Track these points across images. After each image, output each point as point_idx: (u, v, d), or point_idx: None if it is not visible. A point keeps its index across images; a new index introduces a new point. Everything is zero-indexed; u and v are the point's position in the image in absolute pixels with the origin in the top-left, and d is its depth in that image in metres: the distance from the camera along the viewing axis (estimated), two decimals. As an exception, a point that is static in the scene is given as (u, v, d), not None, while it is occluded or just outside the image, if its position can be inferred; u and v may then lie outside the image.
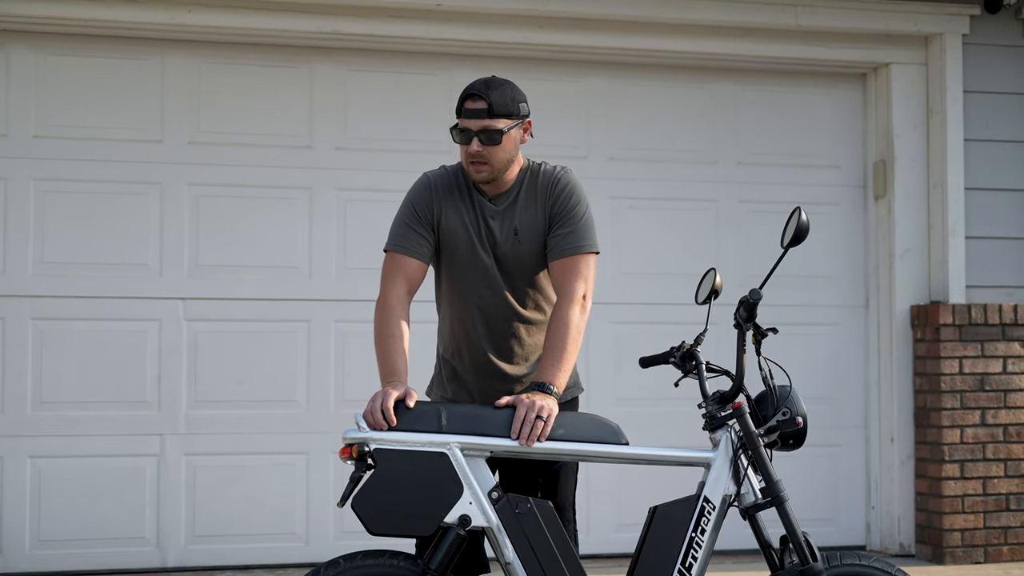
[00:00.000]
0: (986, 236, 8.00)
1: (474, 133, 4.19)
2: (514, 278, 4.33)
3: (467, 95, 4.22)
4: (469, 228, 4.30)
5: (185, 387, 7.30)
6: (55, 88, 7.22)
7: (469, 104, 4.21)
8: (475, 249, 4.29)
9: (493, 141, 4.18)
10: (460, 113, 4.24)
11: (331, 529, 7.40)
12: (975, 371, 7.83)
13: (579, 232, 4.27)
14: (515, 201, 4.32)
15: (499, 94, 4.21)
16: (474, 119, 4.19)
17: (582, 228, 4.28)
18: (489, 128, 4.18)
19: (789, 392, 4.11)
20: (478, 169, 4.22)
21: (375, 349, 4.18)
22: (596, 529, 7.66)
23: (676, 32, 7.76)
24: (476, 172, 4.23)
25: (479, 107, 4.19)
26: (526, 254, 4.31)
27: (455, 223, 4.30)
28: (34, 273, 7.15)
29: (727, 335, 4.91)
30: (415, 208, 4.31)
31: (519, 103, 4.26)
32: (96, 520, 7.16)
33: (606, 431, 4.02)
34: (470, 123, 4.20)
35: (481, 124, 4.18)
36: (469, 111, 4.20)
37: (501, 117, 4.19)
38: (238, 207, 7.41)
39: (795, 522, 4.01)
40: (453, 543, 3.82)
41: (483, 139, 4.18)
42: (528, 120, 4.30)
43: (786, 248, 4.05)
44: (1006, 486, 7.84)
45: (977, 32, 8.03)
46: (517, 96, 4.26)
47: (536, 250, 4.31)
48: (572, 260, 4.25)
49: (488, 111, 4.18)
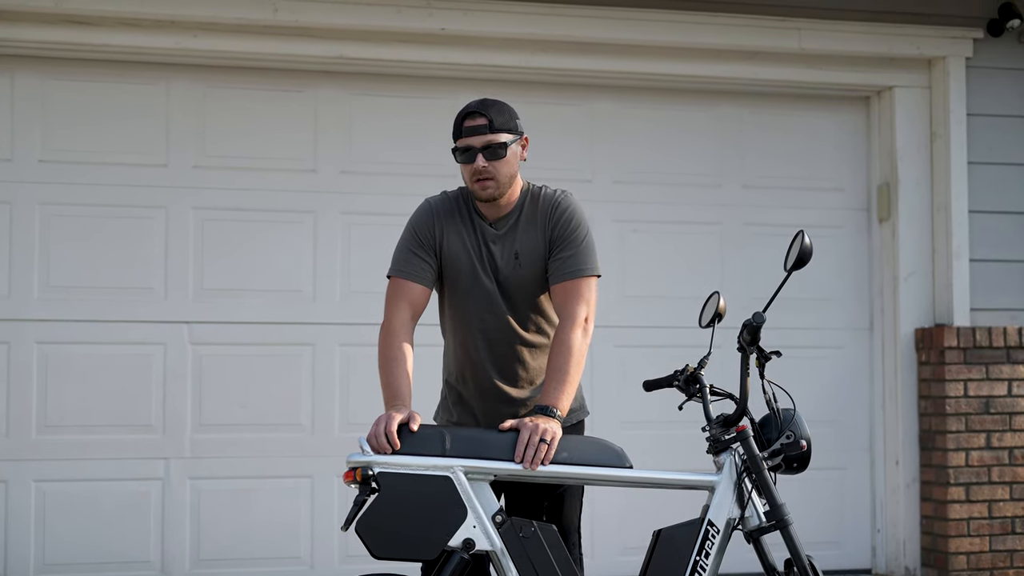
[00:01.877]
0: (990, 259, 8.00)
1: (478, 150, 4.21)
2: (516, 302, 4.34)
3: (465, 114, 4.27)
4: (471, 252, 4.31)
5: (190, 411, 7.30)
6: (60, 112, 7.24)
7: (469, 122, 4.24)
8: (477, 274, 4.30)
9: (497, 156, 4.22)
10: (460, 133, 4.26)
11: (336, 553, 7.39)
12: (980, 394, 7.82)
13: (580, 255, 4.28)
14: (516, 225, 4.33)
15: (496, 110, 4.27)
16: (476, 136, 4.22)
17: (583, 251, 4.29)
18: (492, 143, 4.21)
19: (793, 415, 4.11)
20: (484, 186, 4.24)
21: (379, 373, 4.18)
22: (601, 553, 7.65)
23: (680, 56, 7.78)
24: (482, 189, 4.25)
25: (480, 124, 4.22)
26: (527, 278, 4.32)
27: (457, 247, 4.31)
28: (39, 297, 7.16)
29: (731, 358, 4.92)
30: (417, 233, 4.33)
31: (515, 119, 4.32)
32: (101, 544, 7.15)
33: (610, 454, 4.02)
34: (472, 140, 4.22)
35: (484, 140, 4.21)
36: (470, 128, 4.23)
37: (502, 131, 4.24)
38: (243, 230, 7.42)
39: (799, 545, 4.01)
40: (457, 567, 3.82)
41: (487, 154, 4.21)
42: (525, 137, 4.34)
43: (789, 271, 4.06)
44: (1012, 509, 7.82)
45: (980, 55, 8.04)
46: (513, 113, 4.33)
47: (537, 274, 4.32)
48: (574, 283, 4.25)
49: (489, 126, 4.22)
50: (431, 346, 5.07)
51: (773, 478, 4.05)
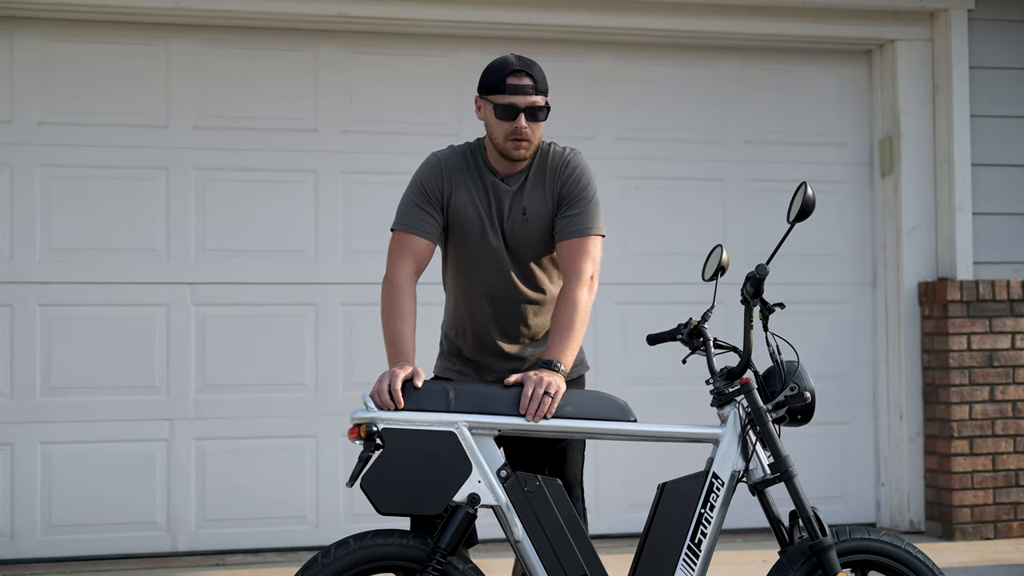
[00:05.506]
0: (993, 212, 7.99)
1: (520, 109, 4.16)
2: (521, 258, 4.32)
3: (509, 71, 4.17)
4: (480, 209, 4.28)
5: (194, 372, 7.31)
6: (60, 74, 7.22)
7: (513, 80, 4.16)
8: (484, 230, 4.28)
9: (538, 119, 4.19)
10: (503, 89, 4.17)
11: (341, 512, 7.42)
12: (983, 347, 7.82)
13: (588, 214, 4.26)
14: (526, 181, 4.30)
15: (538, 71, 4.21)
16: (521, 95, 4.16)
17: (591, 210, 4.28)
18: (535, 105, 4.17)
19: (797, 367, 4.10)
20: (519, 146, 4.20)
21: (382, 329, 4.16)
22: (606, 509, 7.67)
23: (681, 11, 7.75)
24: (516, 149, 4.20)
25: (525, 83, 4.17)
26: (534, 234, 4.30)
27: (465, 203, 4.28)
28: (41, 259, 7.16)
29: (734, 313, 4.93)
30: (424, 187, 4.28)
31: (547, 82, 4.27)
32: (106, 505, 7.17)
33: (614, 408, 4.02)
34: (516, 99, 4.16)
35: (528, 101, 4.16)
36: (514, 87, 4.16)
37: (542, 94, 4.19)
38: (244, 191, 7.41)
39: (804, 497, 4.01)
40: (463, 522, 3.83)
41: (529, 116, 4.17)
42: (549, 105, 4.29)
43: (792, 223, 4.04)
44: (1016, 462, 7.84)
45: (982, 7, 8.01)
46: (545, 75, 4.27)
47: (544, 229, 4.30)
48: (581, 241, 4.24)
49: (534, 87, 4.17)
50: (432, 304, 5.06)
51: (777, 430, 4.04)
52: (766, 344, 4.11)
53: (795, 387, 4.05)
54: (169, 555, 7.24)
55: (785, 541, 4.06)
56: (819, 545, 3.96)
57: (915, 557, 4.08)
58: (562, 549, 3.91)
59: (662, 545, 3.98)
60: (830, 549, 3.97)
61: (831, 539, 3.98)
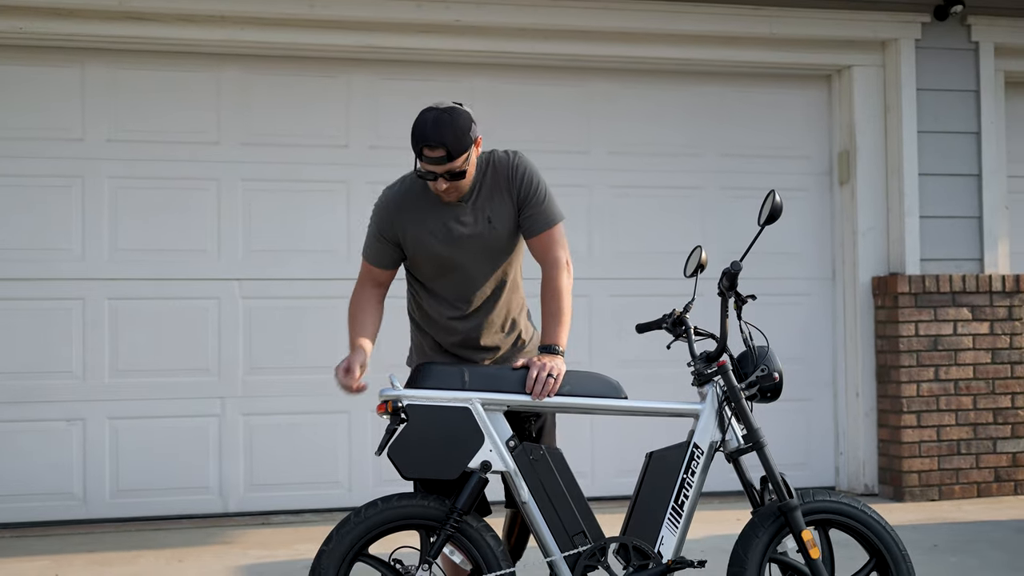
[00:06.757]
0: (938, 216, 7.98)
1: (438, 175, 3.98)
2: (487, 261, 4.19)
3: (424, 144, 3.91)
4: (436, 234, 4.13)
5: (242, 356, 7.32)
6: (125, 98, 7.23)
7: (428, 152, 3.92)
8: (441, 252, 4.14)
9: (457, 178, 4.00)
10: (420, 156, 3.95)
11: (370, 478, 7.42)
12: (929, 333, 7.82)
13: (547, 209, 4.15)
14: (480, 193, 4.14)
15: (452, 135, 3.90)
16: (436, 165, 3.95)
17: (548, 204, 4.16)
18: (451, 170, 3.96)
19: (767, 351, 4.10)
20: (448, 195, 4.05)
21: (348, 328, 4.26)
22: (600, 475, 7.67)
23: (666, 41, 7.75)
24: (447, 197, 4.07)
25: (438, 155, 3.91)
26: (503, 236, 4.16)
27: (420, 233, 4.13)
28: (109, 259, 7.17)
29: (712, 305, 4.90)
30: (378, 228, 4.20)
31: (468, 133, 3.95)
32: (166, 472, 7.19)
33: (607, 387, 4.02)
34: (432, 167, 3.96)
35: (443, 168, 3.95)
36: (429, 159, 3.93)
37: (459, 156, 3.93)
38: (285, 199, 7.42)
39: (773, 464, 4.01)
40: (476, 485, 3.83)
41: (447, 178, 3.98)
42: (479, 138, 4.04)
43: (762, 226, 4.04)
44: (957, 433, 7.84)
45: (928, 37, 8.00)
46: (465, 126, 3.94)
47: (510, 230, 4.17)
48: (548, 233, 4.15)
49: (447, 157, 3.91)
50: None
51: (750, 406, 4.04)
52: (740, 331, 4.10)
53: (765, 368, 4.04)
54: (221, 515, 7.26)
55: (757, 503, 4.05)
56: (787, 506, 3.96)
57: (870, 516, 4.08)
58: (563, 509, 3.92)
59: (650, 506, 3.98)
60: (796, 510, 3.96)
61: (797, 501, 3.98)
